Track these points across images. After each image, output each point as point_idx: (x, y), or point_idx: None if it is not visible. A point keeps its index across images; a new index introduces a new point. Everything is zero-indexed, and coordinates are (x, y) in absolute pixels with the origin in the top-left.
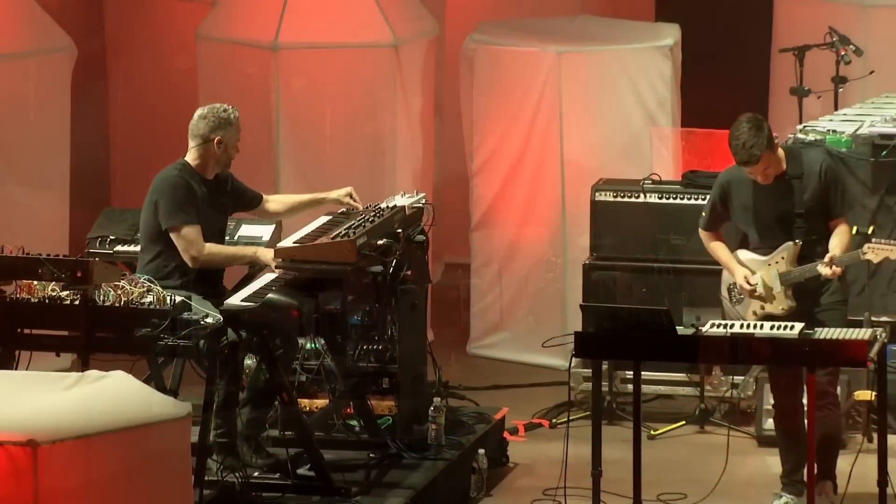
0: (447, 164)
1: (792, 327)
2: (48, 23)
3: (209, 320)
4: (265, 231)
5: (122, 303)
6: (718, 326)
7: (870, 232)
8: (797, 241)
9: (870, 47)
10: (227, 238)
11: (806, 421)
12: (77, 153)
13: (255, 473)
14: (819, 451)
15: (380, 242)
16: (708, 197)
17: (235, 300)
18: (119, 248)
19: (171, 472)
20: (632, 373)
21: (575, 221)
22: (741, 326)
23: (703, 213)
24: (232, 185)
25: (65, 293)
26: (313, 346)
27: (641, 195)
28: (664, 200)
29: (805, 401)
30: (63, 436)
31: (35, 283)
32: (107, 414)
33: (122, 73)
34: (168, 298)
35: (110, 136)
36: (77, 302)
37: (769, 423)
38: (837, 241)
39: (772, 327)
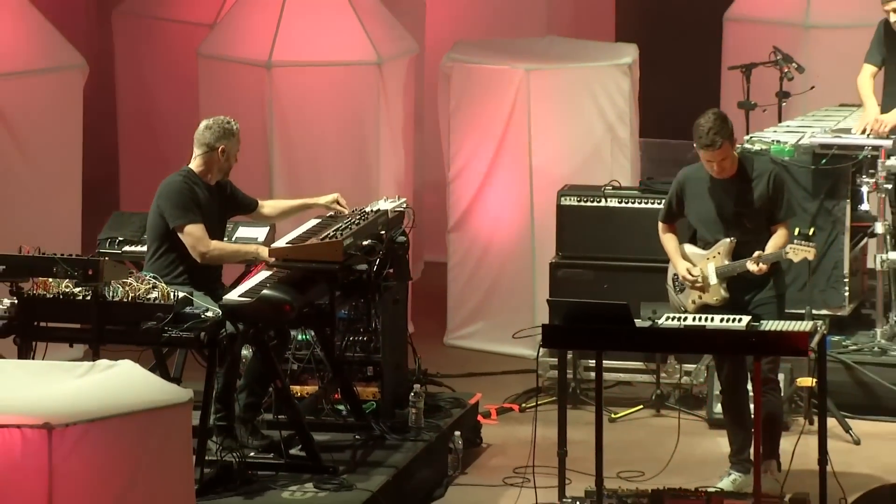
0: (426, 172)
1: (739, 320)
2: (62, 43)
3: (209, 314)
4: (260, 233)
5: (129, 298)
6: (673, 319)
7: (811, 233)
8: (732, 238)
9: (810, 65)
10: (225, 239)
11: (752, 405)
12: (88, 162)
13: (251, 453)
14: (764, 433)
15: (365, 243)
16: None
17: (233, 296)
18: (127, 248)
19: (175, 453)
20: (594, 361)
21: (542, 223)
22: (693, 319)
23: (662, 206)
24: (230, 190)
25: (77, 289)
26: (304, 337)
27: (603, 200)
28: (624, 204)
29: (750, 387)
30: (75, 419)
31: (50, 280)
32: (116, 399)
33: (130, 89)
34: (172, 294)
35: (119, 146)
36: (89, 297)
37: (719, 408)
38: (773, 243)
39: (721, 320)
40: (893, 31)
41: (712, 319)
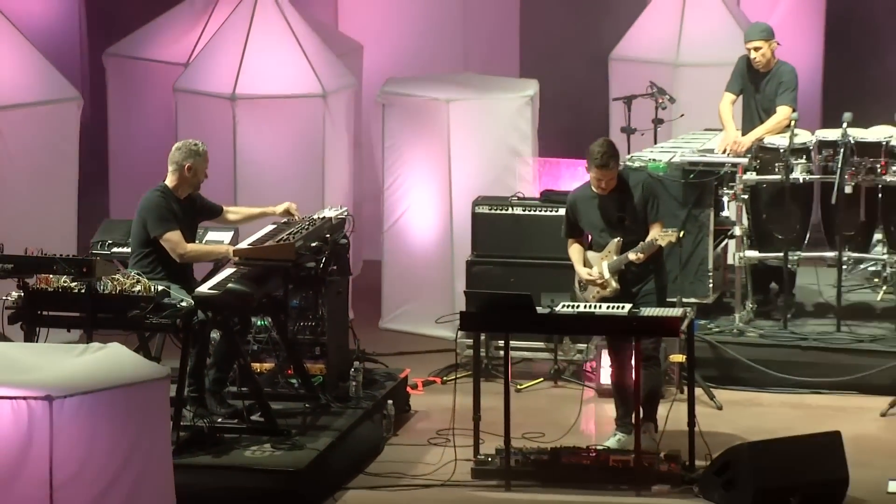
0: (364, 185)
1: (623, 307)
2: (60, 80)
3: (184, 304)
4: (226, 236)
5: (117, 291)
6: (568, 307)
7: (681, 235)
8: (619, 238)
9: (680, 97)
10: (197, 242)
11: (634, 377)
12: (84, 177)
13: (219, 420)
14: (644, 401)
15: (313, 244)
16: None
17: (204, 289)
18: (115, 250)
19: (155, 420)
20: (503, 342)
21: (460, 228)
22: (585, 307)
23: (563, 225)
24: (200, 201)
25: (74, 284)
26: (263, 323)
27: (510, 208)
28: (527, 212)
29: (633, 362)
30: (72, 392)
31: (51, 276)
32: (106, 375)
33: (119, 117)
34: (152, 288)
35: (109, 164)
36: (83, 291)
37: (606, 380)
38: (648, 237)
39: (608, 307)
40: (752, 66)
41: (600, 307)
